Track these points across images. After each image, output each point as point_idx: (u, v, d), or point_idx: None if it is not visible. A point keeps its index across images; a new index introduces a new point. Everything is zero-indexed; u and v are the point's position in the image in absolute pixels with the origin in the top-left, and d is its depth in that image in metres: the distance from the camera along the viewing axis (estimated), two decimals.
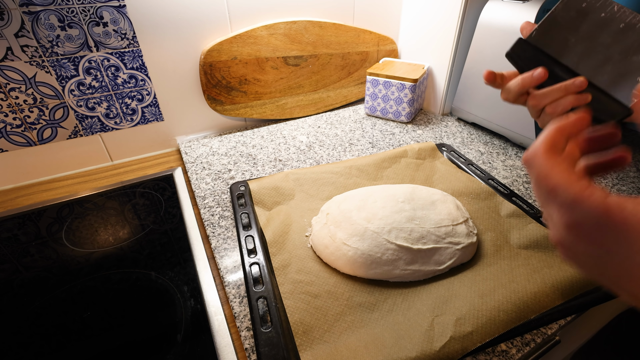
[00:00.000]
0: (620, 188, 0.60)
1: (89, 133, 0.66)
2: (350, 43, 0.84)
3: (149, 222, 0.55)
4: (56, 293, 0.44)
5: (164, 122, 0.72)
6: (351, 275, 0.41)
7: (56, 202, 0.60)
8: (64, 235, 0.53)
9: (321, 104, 0.87)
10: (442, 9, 0.76)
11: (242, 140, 0.74)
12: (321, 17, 0.79)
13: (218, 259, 0.46)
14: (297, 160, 0.67)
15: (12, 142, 0.60)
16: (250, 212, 0.51)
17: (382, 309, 0.38)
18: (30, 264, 0.49)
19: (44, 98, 0.59)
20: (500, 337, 0.36)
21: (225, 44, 0.69)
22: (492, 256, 0.44)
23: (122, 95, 0.65)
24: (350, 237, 0.42)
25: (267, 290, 0.39)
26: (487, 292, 0.39)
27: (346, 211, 0.45)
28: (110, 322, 0.41)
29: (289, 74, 0.79)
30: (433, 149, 0.67)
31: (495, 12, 0.67)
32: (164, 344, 0.38)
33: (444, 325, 0.35)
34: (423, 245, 0.41)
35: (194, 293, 0.43)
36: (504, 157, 0.69)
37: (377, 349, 0.34)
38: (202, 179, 0.62)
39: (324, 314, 0.37)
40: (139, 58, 0.64)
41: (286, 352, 0.33)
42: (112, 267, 0.47)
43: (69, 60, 0.58)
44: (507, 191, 0.56)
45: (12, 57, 0.54)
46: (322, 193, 0.55)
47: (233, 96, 0.75)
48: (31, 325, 0.40)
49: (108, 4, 0.57)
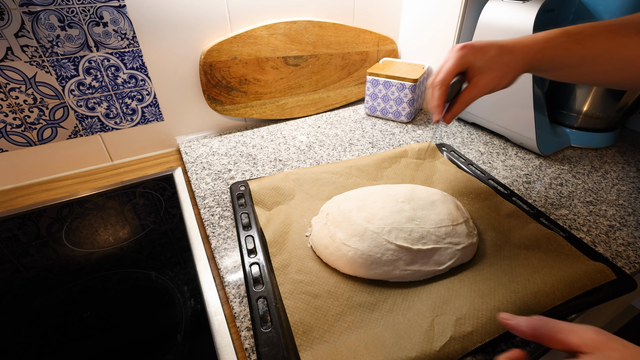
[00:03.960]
0: (620, 188, 0.60)
1: (89, 133, 0.66)
2: (350, 43, 0.84)
3: (149, 222, 0.55)
4: (56, 293, 0.44)
5: (164, 122, 0.72)
6: (351, 275, 0.41)
7: (56, 202, 0.60)
8: (64, 235, 0.53)
9: (321, 104, 0.87)
10: (442, 9, 0.76)
11: (242, 140, 0.74)
12: (321, 17, 0.79)
13: (218, 259, 0.46)
14: (297, 160, 0.67)
15: (12, 142, 0.60)
16: (250, 212, 0.51)
17: (382, 309, 0.38)
18: (30, 264, 0.49)
19: (44, 98, 0.59)
20: (500, 337, 0.35)
21: (225, 44, 0.69)
22: (492, 256, 0.44)
23: (122, 95, 0.65)
24: (350, 238, 0.42)
25: (267, 290, 0.39)
26: (487, 292, 0.39)
27: (346, 211, 0.45)
28: (110, 322, 0.41)
29: (289, 74, 0.79)
30: (433, 149, 0.67)
31: (495, 12, 0.67)
32: (164, 344, 0.38)
33: (444, 325, 0.35)
34: (423, 245, 0.41)
35: (194, 293, 0.43)
36: (504, 157, 0.69)
37: (377, 349, 0.34)
38: (202, 179, 0.62)
39: (324, 314, 0.37)
40: (139, 58, 0.64)
41: (286, 352, 0.33)
42: (112, 267, 0.47)
43: (69, 60, 0.58)
44: (507, 191, 0.56)
45: (12, 57, 0.54)
46: (322, 193, 0.55)
47: (233, 96, 0.75)
48: (31, 325, 0.40)
49: (108, 4, 0.57)
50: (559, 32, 0.37)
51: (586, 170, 0.65)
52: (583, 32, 0.37)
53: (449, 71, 0.36)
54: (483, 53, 0.36)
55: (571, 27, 0.37)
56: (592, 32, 0.37)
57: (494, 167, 0.65)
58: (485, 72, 0.37)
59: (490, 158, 0.68)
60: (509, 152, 0.70)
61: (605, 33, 0.36)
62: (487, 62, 0.36)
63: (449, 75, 0.36)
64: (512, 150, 0.71)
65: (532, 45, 0.37)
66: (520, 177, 0.62)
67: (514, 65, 0.37)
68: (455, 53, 0.36)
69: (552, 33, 0.37)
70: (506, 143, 0.74)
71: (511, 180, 0.61)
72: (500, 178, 0.62)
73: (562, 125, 0.75)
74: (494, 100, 0.73)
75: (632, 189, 0.60)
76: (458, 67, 0.36)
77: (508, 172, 0.64)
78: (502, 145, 0.73)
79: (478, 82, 0.37)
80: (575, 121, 0.72)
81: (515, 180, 0.61)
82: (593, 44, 0.36)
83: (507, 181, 0.61)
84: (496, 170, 0.64)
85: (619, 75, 0.38)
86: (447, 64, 0.36)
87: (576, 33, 0.37)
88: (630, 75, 0.37)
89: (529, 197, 0.57)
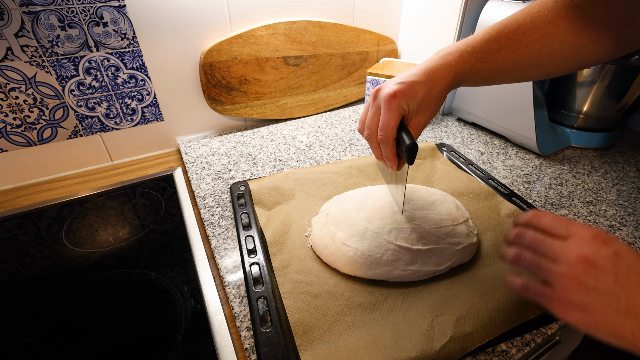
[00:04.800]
0: (621, 188, 0.60)
1: (89, 133, 0.66)
2: (350, 43, 0.84)
3: (149, 222, 0.55)
4: (56, 293, 0.44)
5: (164, 122, 0.72)
6: (351, 275, 0.42)
7: (56, 202, 0.60)
8: (64, 235, 0.53)
9: (321, 104, 0.87)
10: (442, 9, 0.76)
11: (242, 140, 0.74)
12: (321, 17, 0.79)
13: (218, 259, 0.46)
14: (297, 160, 0.67)
15: (12, 142, 0.60)
16: (250, 212, 0.51)
17: (382, 309, 0.38)
18: (30, 264, 0.49)
19: (44, 98, 0.59)
20: (500, 337, 0.36)
21: (225, 44, 0.69)
22: (492, 256, 0.44)
23: (122, 95, 0.65)
24: (350, 238, 0.42)
25: (267, 290, 0.39)
26: (487, 292, 0.39)
27: (346, 211, 0.45)
28: (110, 322, 0.41)
29: (289, 74, 0.79)
30: (433, 149, 0.67)
31: (495, 12, 0.67)
32: (164, 344, 0.38)
33: (444, 325, 0.35)
34: (423, 245, 0.41)
35: (194, 293, 0.43)
36: (504, 157, 0.69)
37: (377, 349, 0.34)
38: (202, 179, 0.62)
39: (324, 314, 0.37)
40: (139, 58, 0.64)
41: (286, 352, 0.33)
42: (112, 267, 0.47)
43: (69, 60, 0.58)
44: (507, 191, 0.56)
45: (12, 57, 0.54)
46: (322, 193, 0.55)
47: (233, 96, 0.75)
48: (31, 325, 0.40)
49: (108, 4, 0.57)
50: (469, 53, 0.39)
51: (586, 170, 0.65)
52: (489, 51, 0.39)
53: (391, 127, 0.37)
54: (414, 96, 0.37)
55: (477, 45, 0.39)
56: (497, 47, 0.39)
57: (494, 167, 0.65)
58: (420, 112, 0.38)
59: (490, 158, 0.68)
60: (509, 152, 0.70)
61: (508, 46, 0.38)
62: (420, 104, 0.37)
63: (393, 131, 0.37)
64: (512, 150, 0.71)
65: (449, 70, 0.38)
66: (520, 177, 0.62)
67: (441, 95, 0.39)
68: (389, 105, 0.37)
69: (464, 55, 0.39)
70: (506, 143, 0.74)
71: (511, 180, 0.61)
72: (500, 178, 0.62)
73: (562, 125, 0.75)
74: (494, 101, 0.73)
75: (632, 189, 0.60)
76: (398, 119, 0.37)
77: (508, 172, 0.64)
78: (502, 145, 0.73)
79: (416, 124, 0.38)
80: (575, 121, 0.73)
81: (515, 180, 0.61)
82: (499, 60, 0.39)
83: (507, 181, 0.61)
84: (496, 170, 0.64)
85: (528, 76, 0.42)
86: (385, 117, 0.37)
87: (483, 53, 0.39)
88: (540, 73, 0.41)
89: (529, 197, 0.57)
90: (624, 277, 0.28)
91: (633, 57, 0.61)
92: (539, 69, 0.40)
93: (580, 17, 0.37)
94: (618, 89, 0.65)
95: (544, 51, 0.38)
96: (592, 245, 0.30)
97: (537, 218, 0.33)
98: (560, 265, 0.30)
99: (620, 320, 0.27)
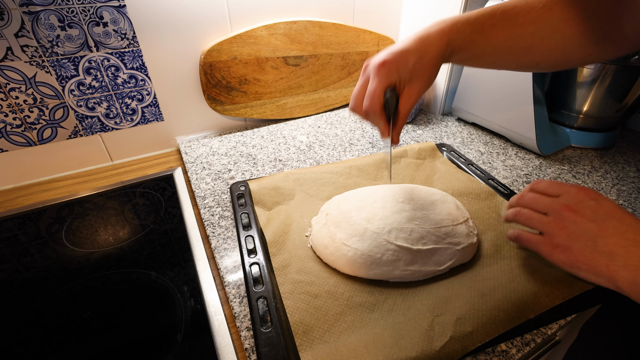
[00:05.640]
0: (621, 188, 0.60)
1: (89, 133, 0.66)
2: (350, 43, 0.84)
3: (149, 222, 0.55)
4: (56, 293, 0.44)
5: (164, 122, 0.72)
6: (351, 275, 0.41)
7: (56, 202, 0.60)
8: (64, 235, 0.53)
9: (321, 104, 0.87)
10: (442, 9, 0.76)
11: (242, 140, 0.74)
12: (321, 17, 0.79)
13: (218, 259, 0.46)
14: (297, 160, 0.67)
15: (12, 142, 0.60)
16: (250, 212, 0.51)
17: (382, 309, 0.38)
18: (30, 264, 0.49)
19: (44, 98, 0.59)
20: (500, 337, 0.35)
21: (225, 44, 0.69)
22: (492, 256, 0.44)
23: (122, 95, 0.65)
24: (350, 238, 0.42)
25: (267, 290, 0.39)
26: (487, 292, 0.39)
27: (346, 211, 0.45)
28: (110, 322, 0.41)
29: (289, 74, 0.79)
30: (433, 149, 0.67)
31: None
32: (164, 344, 0.38)
33: (444, 325, 0.35)
34: (423, 245, 0.41)
35: (194, 293, 0.43)
36: (504, 157, 0.69)
37: (377, 349, 0.34)
38: (202, 179, 0.62)
39: (324, 314, 0.37)
40: (139, 58, 0.64)
41: (286, 352, 0.33)
42: (112, 267, 0.47)
43: (69, 60, 0.58)
44: (507, 191, 0.56)
45: (12, 57, 0.54)
46: (322, 193, 0.55)
47: (233, 96, 0.75)
48: (31, 325, 0.40)
49: (108, 4, 0.57)
50: (463, 22, 0.38)
51: (586, 170, 0.65)
52: (483, 23, 0.39)
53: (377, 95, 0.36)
54: (405, 65, 0.36)
55: (472, 16, 0.39)
56: (492, 22, 0.39)
57: (494, 167, 0.65)
58: (413, 81, 0.37)
59: (490, 158, 0.68)
60: (509, 152, 0.70)
61: (502, 23, 0.39)
62: (411, 72, 0.37)
63: (379, 99, 0.37)
64: (512, 150, 0.71)
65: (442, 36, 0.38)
66: (520, 177, 0.62)
67: (435, 62, 0.38)
68: (377, 73, 0.36)
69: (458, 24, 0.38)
70: (506, 143, 0.74)
71: (511, 180, 0.61)
72: (500, 178, 0.62)
73: (562, 125, 0.75)
74: (494, 100, 0.73)
75: (632, 189, 0.60)
76: (384, 88, 0.37)
77: (508, 172, 0.64)
78: (502, 145, 0.73)
79: (409, 93, 0.38)
80: (575, 121, 0.73)
81: (515, 180, 0.61)
82: (492, 36, 0.39)
83: (507, 181, 0.61)
84: (496, 170, 0.64)
85: (518, 62, 0.42)
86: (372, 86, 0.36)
87: (478, 24, 0.39)
88: (529, 60, 0.41)
89: None
90: (602, 222, 0.33)
91: (633, 57, 0.61)
92: (529, 56, 0.41)
93: (572, 5, 0.38)
94: (618, 89, 0.65)
95: (536, 35, 0.39)
96: (576, 197, 0.36)
97: (536, 183, 0.41)
98: (549, 216, 0.36)
99: (596, 257, 0.33)
